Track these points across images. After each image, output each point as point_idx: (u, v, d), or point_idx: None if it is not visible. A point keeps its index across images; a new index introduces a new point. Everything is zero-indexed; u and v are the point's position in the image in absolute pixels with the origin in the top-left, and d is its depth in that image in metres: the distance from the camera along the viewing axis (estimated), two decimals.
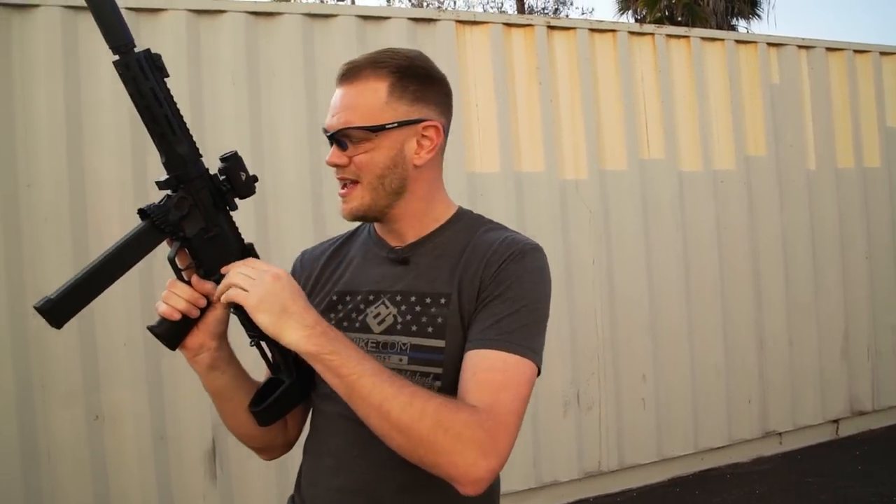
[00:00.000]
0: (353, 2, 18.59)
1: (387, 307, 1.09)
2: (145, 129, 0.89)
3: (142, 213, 0.96)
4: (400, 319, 1.08)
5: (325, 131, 1.07)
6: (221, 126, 3.01)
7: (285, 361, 1.08)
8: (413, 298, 1.08)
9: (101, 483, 2.80)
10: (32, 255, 2.76)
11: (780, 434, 4.27)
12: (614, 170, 3.80)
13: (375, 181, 1.06)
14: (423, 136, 1.07)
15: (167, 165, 0.96)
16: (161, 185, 0.98)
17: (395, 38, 3.31)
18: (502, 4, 20.35)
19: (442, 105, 1.12)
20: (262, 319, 0.93)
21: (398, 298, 1.09)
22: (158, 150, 0.95)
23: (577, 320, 3.66)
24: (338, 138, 1.05)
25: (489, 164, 3.50)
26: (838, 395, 4.41)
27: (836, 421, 4.46)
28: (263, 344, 1.07)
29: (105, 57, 2.94)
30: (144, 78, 0.91)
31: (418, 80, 1.07)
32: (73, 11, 2.84)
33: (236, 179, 1.00)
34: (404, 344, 1.06)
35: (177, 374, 2.90)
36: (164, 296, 1.01)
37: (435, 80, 1.11)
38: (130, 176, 2.88)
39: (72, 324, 2.89)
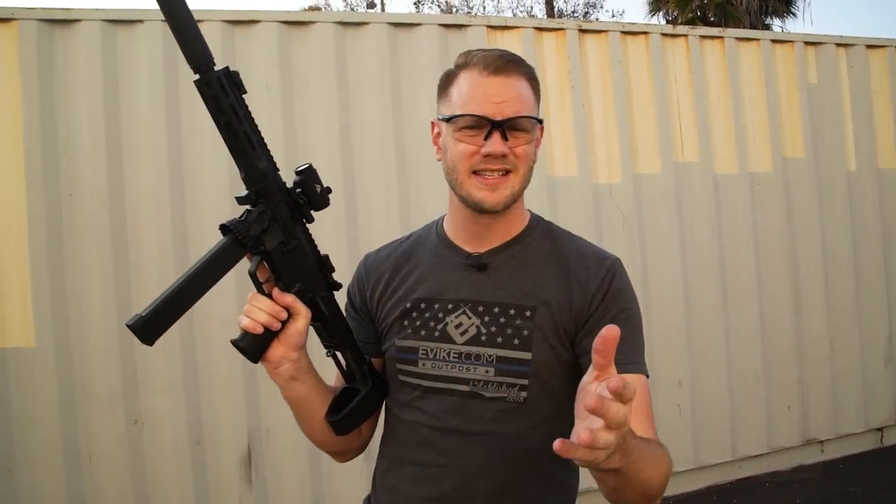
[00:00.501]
0: (383, 9, 18.74)
1: (469, 317, 1.09)
2: (182, 139, 0.91)
3: (224, 228, 0.97)
4: (484, 331, 1.08)
5: (486, 119, 1.03)
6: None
7: (361, 371, 1.11)
8: (496, 309, 1.08)
9: (140, 486, 2.85)
10: (74, 261, 2.83)
11: (821, 442, 4.16)
12: (648, 173, 3.75)
13: (527, 172, 1.09)
14: (538, 137, 1.12)
15: (247, 181, 0.97)
16: (241, 201, 0.99)
17: (427, 44, 3.32)
18: (531, 9, 20.31)
19: None
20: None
21: (480, 309, 1.09)
22: (238, 165, 0.96)
23: None
24: (506, 127, 1.04)
25: None
26: (882, 402, 4.29)
27: (880, 429, 4.33)
28: (339, 354, 1.10)
29: (144, 69, 3.03)
30: (225, 95, 0.92)
31: (538, 85, 1.13)
32: (112, 25, 2.91)
33: (312, 192, 1.01)
34: (490, 356, 1.06)
35: (213, 379, 2.94)
36: (245, 309, 1.00)
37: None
38: (167, 185, 2.94)
39: (111, 330, 2.96)
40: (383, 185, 3.18)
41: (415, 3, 19.34)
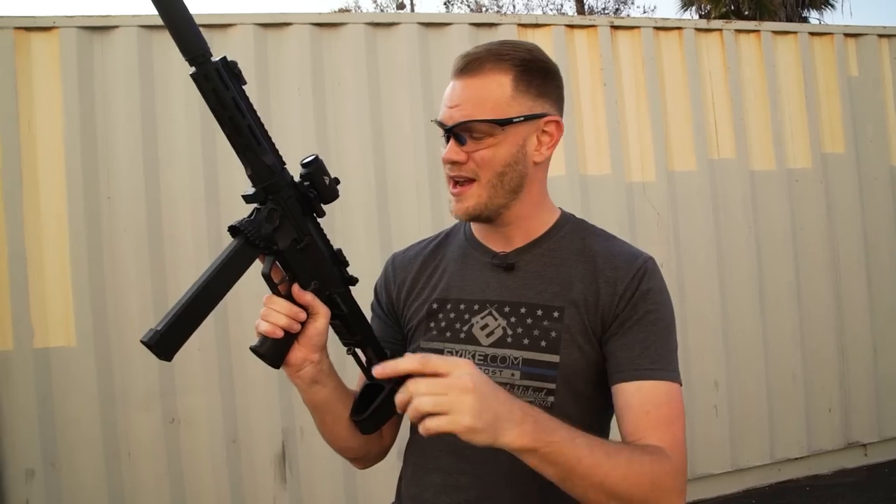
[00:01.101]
0: (412, 9, 18.79)
1: (495, 318, 1.05)
2: (216, 141, 0.89)
3: (233, 229, 0.90)
4: (510, 332, 1.04)
5: (441, 124, 1.01)
6: (289, 136, 3.08)
7: None
8: (523, 310, 1.04)
9: (177, 484, 2.90)
10: (112, 263, 2.89)
11: (864, 445, 4.05)
12: (683, 171, 3.69)
13: (495, 178, 1.01)
14: (544, 131, 1.03)
15: (254, 178, 0.91)
16: (248, 199, 0.93)
17: (457, 43, 3.31)
18: (561, 6, 20.17)
19: (560, 100, 1.06)
20: (479, 439, 0.81)
21: (506, 310, 1.05)
22: (243, 162, 0.90)
23: None
24: (457, 132, 0.99)
25: (554, 167, 3.40)
26: None
27: None
28: (359, 351, 1.05)
29: (178, 72, 3.08)
30: (225, 88, 0.85)
31: (540, 73, 1.03)
32: (147, 31, 2.96)
33: (321, 184, 0.95)
34: (516, 358, 1.02)
35: (248, 379, 2.98)
36: (262, 313, 0.95)
37: (554, 74, 1.06)
38: (202, 188, 2.98)
39: (149, 329, 2.98)
40: (415, 185, 3.19)
41: (445, 3, 19.37)
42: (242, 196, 0.93)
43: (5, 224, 2.81)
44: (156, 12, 0.84)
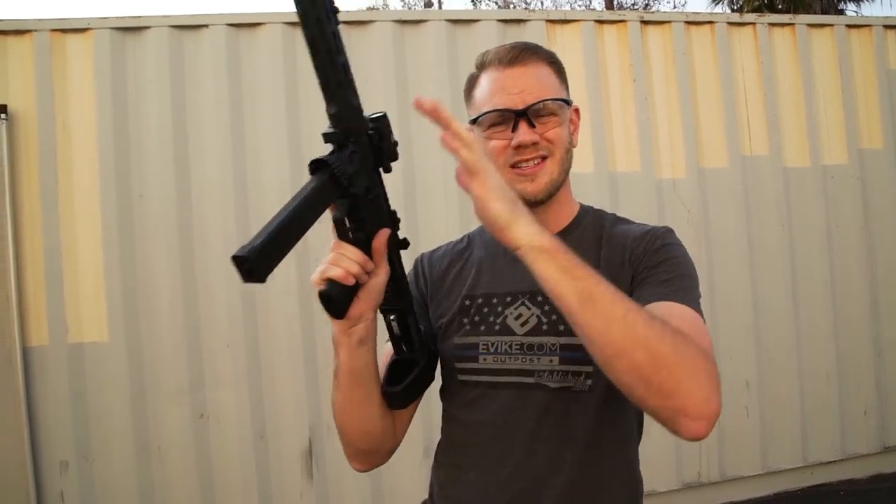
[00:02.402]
0: (440, 6, 18.77)
1: (528, 308, 1.07)
2: (245, 140, 0.87)
3: (319, 163, 0.84)
4: (545, 319, 1.05)
5: (508, 111, 1.03)
6: (315, 133, 3.08)
7: (420, 338, 1.03)
8: (541, 298, 1.05)
9: (205, 478, 2.94)
10: (144, 260, 2.94)
11: None
12: (714, 167, 3.63)
13: (564, 155, 1.08)
14: (572, 119, 1.11)
15: (337, 117, 0.85)
16: (328, 138, 0.87)
17: (485, 39, 3.30)
18: (590, 2, 19.97)
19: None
20: (497, 207, 0.85)
21: (539, 299, 1.06)
22: (331, 100, 0.85)
23: None
24: (531, 114, 1.03)
25: (583, 164, 3.42)
26: None
27: None
28: (394, 324, 1.01)
29: (208, 72, 3.11)
30: (327, 20, 0.82)
31: (562, 68, 1.12)
32: (178, 31, 3.00)
33: (388, 141, 0.91)
34: (553, 344, 1.04)
35: (276, 375, 3.00)
36: (331, 259, 0.89)
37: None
38: (231, 185, 3.01)
39: (179, 325, 3.05)
40: (444, 183, 3.18)
41: (472, 1, 19.31)
42: (323, 134, 0.88)
43: (42, 222, 2.87)
44: (192, 14, 0.82)
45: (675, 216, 3.55)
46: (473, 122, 1.08)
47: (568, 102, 1.08)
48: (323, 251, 0.91)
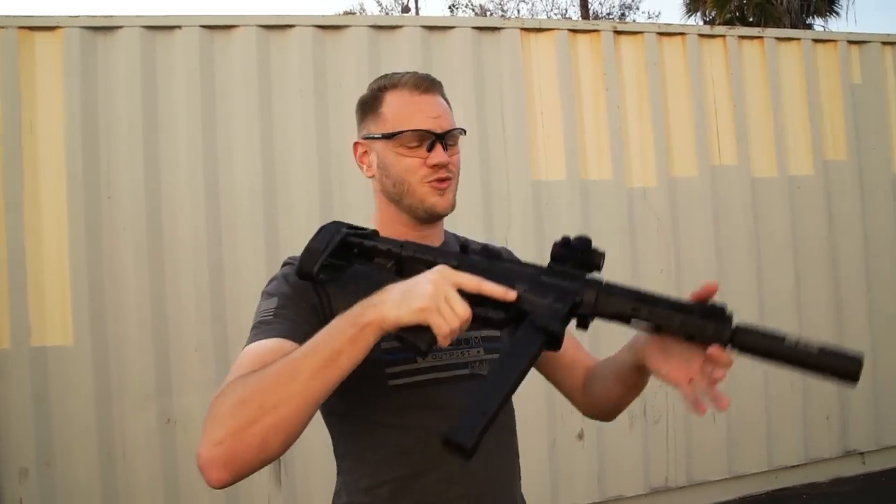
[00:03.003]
0: (417, 12, 18.80)
1: None
2: (217, 143, 0.89)
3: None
4: None
5: (429, 132, 1.11)
6: (290, 138, 3.08)
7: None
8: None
9: (171, 484, 2.90)
10: (111, 262, 2.90)
11: (862, 454, 4.04)
12: (684, 177, 3.69)
13: (458, 178, 1.17)
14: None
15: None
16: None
17: (461, 47, 3.32)
18: (566, 11, 20.16)
19: None
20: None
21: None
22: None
23: None
24: (448, 138, 1.13)
25: (555, 171, 3.45)
26: None
27: None
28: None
29: (180, 73, 3.08)
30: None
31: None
32: (150, 31, 2.97)
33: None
34: (476, 337, 1.15)
35: None
36: (446, 303, 0.90)
37: None
38: (202, 188, 2.98)
39: (146, 329, 3.00)
40: None
41: (450, 7, 19.37)
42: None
43: (5, 223, 2.81)
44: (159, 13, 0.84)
45: (645, 224, 3.60)
46: (388, 137, 1.13)
47: (464, 133, 1.19)
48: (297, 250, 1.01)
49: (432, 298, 0.87)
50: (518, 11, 19.72)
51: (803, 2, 14.70)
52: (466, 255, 1.01)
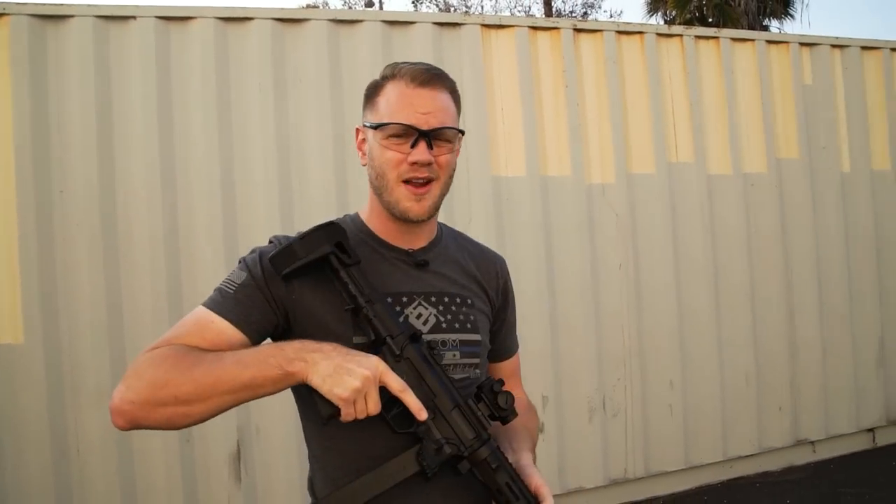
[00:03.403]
0: (381, 6, 18.69)
1: (426, 308, 1.15)
2: (174, 136, 0.88)
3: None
4: (442, 318, 1.16)
5: (413, 128, 1.09)
6: (248, 132, 3.05)
7: None
8: (446, 299, 1.17)
9: (128, 483, 2.85)
10: (64, 258, 2.83)
11: (812, 443, 4.17)
12: (642, 173, 3.75)
13: (447, 180, 1.16)
14: (458, 147, 1.19)
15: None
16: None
17: (421, 42, 3.32)
18: (529, 8, 20.28)
19: None
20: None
21: (433, 299, 1.16)
22: None
23: (604, 325, 3.62)
24: (432, 136, 1.10)
25: (515, 168, 3.48)
26: (874, 404, 4.30)
27: (871, 430, 4.34)
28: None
29: (135, 64, 3.02)
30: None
31: (459, 98, 1.19)
32: (104, 21, 2.90)
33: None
34: (454, 340, 1.16)
35: None
36: (361, 396, 0.98)
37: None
38: (158, 181, 2.93)
39: (101, 326, 2.95)
40: None
41: (413, 2, 19.31)
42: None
43: None
44: (119, 4, 0.86)
45: (604, 220, 3.65)
46: (375, 127, 1.12)
47: (461, 132, 1.17)
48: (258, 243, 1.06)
49: (354, 392, 0.94)
50: (482, 8, 19.78)
51: (760, 4, 15.04)
52: (415, 342, 1.04)
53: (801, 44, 4.23)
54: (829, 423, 4.16)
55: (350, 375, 0.94)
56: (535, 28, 3.59)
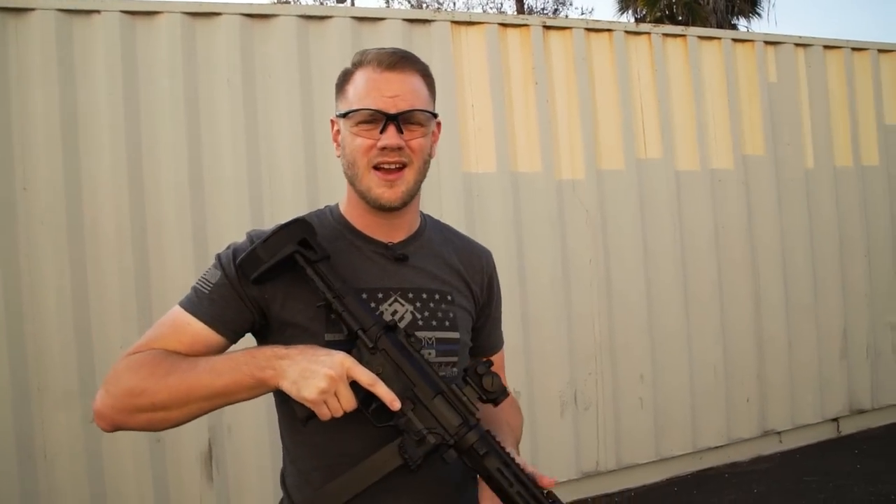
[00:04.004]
0: (352, 2, 18.56)
1: (402, 304, 1.12)
2: (140, 131, 0.86)
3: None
4: (419, 315, 1.13)
5: (380, 112, 1.07)
6: (218, 128, 3.02)
7: None
8: (424, 296, 1.14)
9: (97, 485, 2.81)
10: (29, 257, 2.77)
11: (779, 433, 4.26)
12: (611, 169, 3.79)
13: (422, 165, 1.12)
14: (433, 131, 1.16)
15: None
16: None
17: (391, 39, 3.31)
18: (501, 5, 20.30)
19: None
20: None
21: (410, 296, 1.13)
22: None
23: (575, 320, 3.66)
24: (401, 120, 1.07)
25: (485, 164, 3.50)
26: (838, 394, 4.40)
27: (835, 419, 4.45)
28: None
29: (100, 59, 2.96)
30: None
31: (432, 80, 1.17)
32: (67, 15, 2.85)
33: None
34: (430, 338, 1.13)
35: None
36: (333, 393, 0.98)
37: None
38: (126, 179, 2.89)
39: (67, 325, 2.89)
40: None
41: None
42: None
43: None
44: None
45: (574, 216, 3.68)
46: (344, 116, 1.10)
47: (434, 115, 1.13)
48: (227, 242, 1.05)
49: (321, 394, 0.94)
50: (454, 4, 19.75)
51: (728, 2, 15.26)
52: (391, 332, 1.02)
53: (766, 42, 4.31)
54: (794, 413, 4.25)
55: (314, 377, 0.94)
56: (504, 25, 3.61)
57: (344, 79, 1.14)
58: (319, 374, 0.94)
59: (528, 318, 3.54)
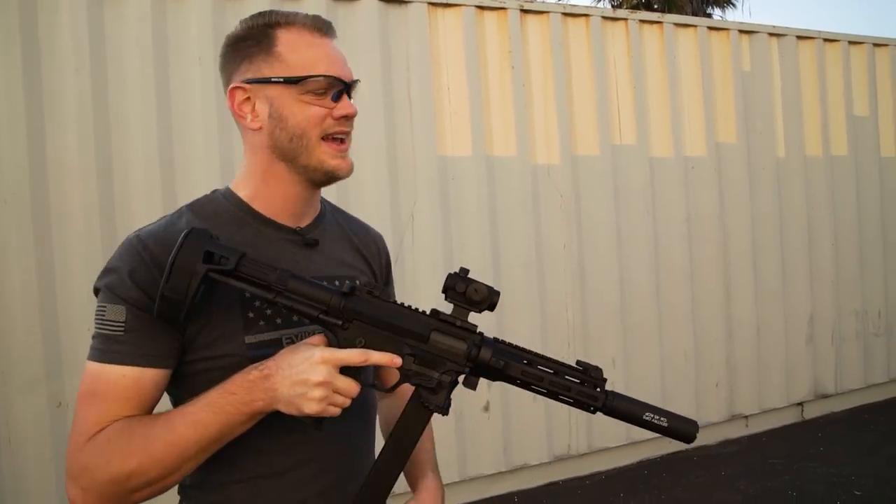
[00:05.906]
0: None
1: None
2: (109, 107, 0.82)
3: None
4: None
5: (340, 80, 1.00)
6: (190, 107, 2.96)
7: None
8: (337, 283, 1.06)
9: (63, 470, 2.75)
10: None
11: (746, 417, 4.34)
12: (586, 155, 3.80)
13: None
14: None
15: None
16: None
17: (366, 19, 3.27)
18: None
19: None
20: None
21: (336, 283, 1.05)
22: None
23: (548, 305, 3.67)
24: (352, 89, 1.03)
25: (461, 147, 3.48)
26: (803, 379, 4.50)
27: (800, 404, 4.55)
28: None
29: (66, 32, 2.86)
30: None
31: None
32: None
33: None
34: None
35: None
36: (336, 390, 0.91)
37: None
38: (93, 156, 2.81)
39: (33, 309, 2.81)
40: None
41: None
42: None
43: None
44: None
45: (548, 201, 3.69)
46: (294, 81, 0.98)
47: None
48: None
49: (320, 402, 0.88)
50: None
51: None
52: (352, 297, 0.94)
53: (741, 31, 4.34)
54: (761, 398, 4.34)
55: (307, 390, 0.87)
56: (482, 8, 3.58)
57: (263, 40, 1.00)
58: (309, 383, 0.87)
59: (502, 303, 3.52)
